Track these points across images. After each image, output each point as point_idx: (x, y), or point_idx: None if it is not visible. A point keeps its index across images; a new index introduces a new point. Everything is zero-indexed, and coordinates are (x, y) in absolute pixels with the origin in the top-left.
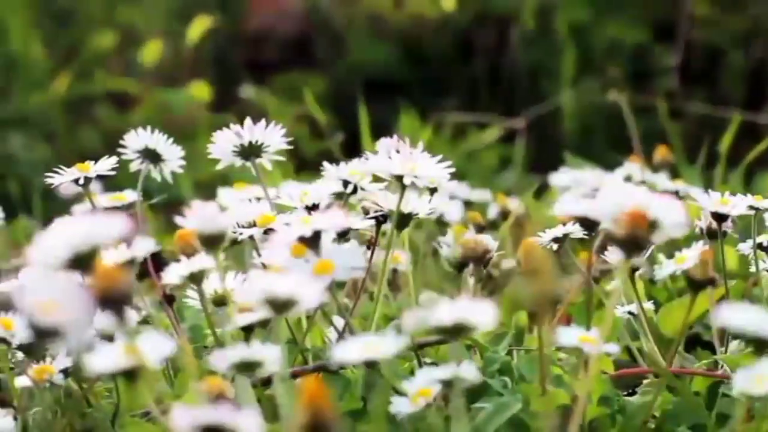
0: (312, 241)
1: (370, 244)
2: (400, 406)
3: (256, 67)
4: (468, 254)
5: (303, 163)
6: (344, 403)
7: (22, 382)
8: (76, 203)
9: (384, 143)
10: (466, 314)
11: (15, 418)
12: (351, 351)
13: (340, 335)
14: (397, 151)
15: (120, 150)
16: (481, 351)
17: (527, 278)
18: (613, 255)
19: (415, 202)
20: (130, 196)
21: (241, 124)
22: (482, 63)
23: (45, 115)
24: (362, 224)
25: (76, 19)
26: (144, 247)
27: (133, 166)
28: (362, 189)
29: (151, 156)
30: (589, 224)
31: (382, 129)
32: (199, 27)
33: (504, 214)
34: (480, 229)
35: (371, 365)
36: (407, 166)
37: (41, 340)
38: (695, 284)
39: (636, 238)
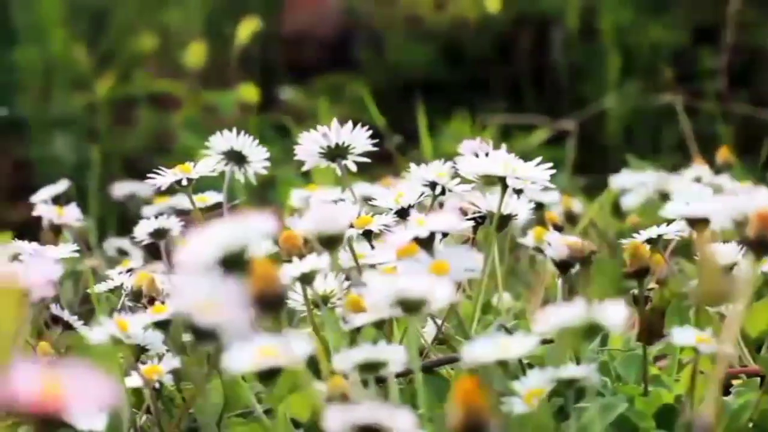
0: (426, 242)
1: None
2: (513, 406)
3: (293, 68)
4: (575, 255)
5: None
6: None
7: (132, 382)
8: (129, 204)
9: (467, 145)
10: (598, 315)
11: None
12: (483, 351)
13: (437, 335)
14: (486, 154)
15: (207, 152)
16: (575, 351)
17: (702, 278)
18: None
19: (514, 204)
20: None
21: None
22: (523, 64)
23: (88, 117)
24: (462, 226)
25: (110, 20)
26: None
27: (218, 168)
28: (449, 190)
29: (236, 157)
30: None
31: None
32: (247, 29)
33: (568, 215)
34: (558, 229)
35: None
36: (510, 168)
37: (199, 341)
38: None
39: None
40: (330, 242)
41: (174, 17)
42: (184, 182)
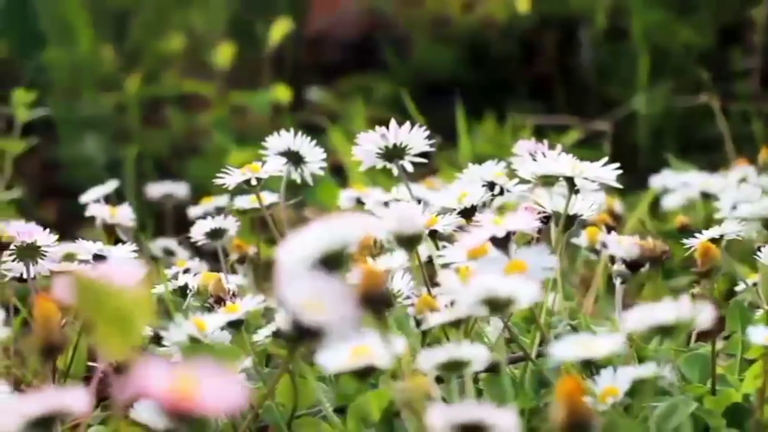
0: (502, 242)
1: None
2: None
3: (317, 69)
4: (647, 255)
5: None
6: (519, 401)
7: None
8: (166, 204)
9: (523, 146)
10: (687, 313)
11: None
12: (569, 350)
13: (501, 334)
14: (543, 154)
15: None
16: (638, 349)
17: None
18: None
19: (580, 204)
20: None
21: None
22: (550, 65)
23: (117, 118)
24: (536, 225)
25: (134, 21)
26: None
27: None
28: (508, 191)
29: (293, 158)
30: None
31: (450, 131)
32: (279, 29)
33: (610, 216)
34: (609, 229)
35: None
36: (578, 168)
37: (303, 339)
38: None
39: None
40: (409, 242)
41: (197, 18)
42: (253, 182)
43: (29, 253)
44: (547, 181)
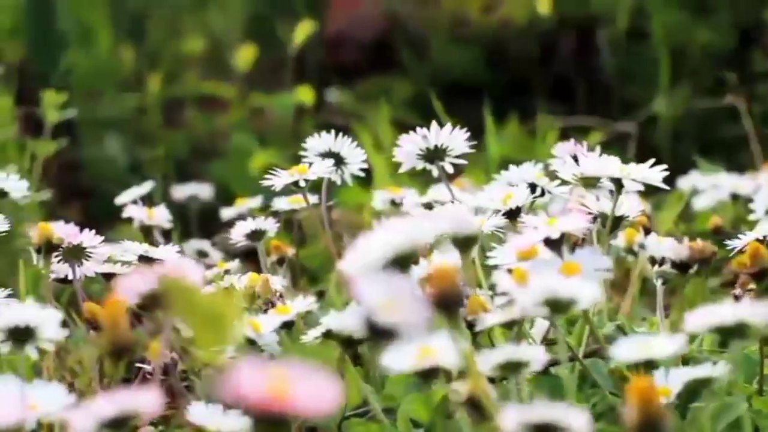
0: (555, 244)
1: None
2: None
3: (335, 70)
4: (696, 256)
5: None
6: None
7: None
8: (191, 206)
9: (563, 148)
10: (748, 315)
11: None
12: (629, 351)
13: (546, 335)
14: (581, 155)
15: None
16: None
17: None
18: None
19: (627, 205)
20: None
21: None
22: (570, 67)
23: (137, 119)
24: (588, 226)
25: (152, 22)
26: None
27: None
28: (549, 192)
29: (334, 159)
30: None
31: (469, 132)
32: (303, 31)
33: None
34: (647, 231)
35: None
36: (625, 170)
37: (378, 340)
38: None
39: None
40: (465, 243)
41: (215, 18)
42: (302, 183)
43: (75, 253)
44: (587, 183)
